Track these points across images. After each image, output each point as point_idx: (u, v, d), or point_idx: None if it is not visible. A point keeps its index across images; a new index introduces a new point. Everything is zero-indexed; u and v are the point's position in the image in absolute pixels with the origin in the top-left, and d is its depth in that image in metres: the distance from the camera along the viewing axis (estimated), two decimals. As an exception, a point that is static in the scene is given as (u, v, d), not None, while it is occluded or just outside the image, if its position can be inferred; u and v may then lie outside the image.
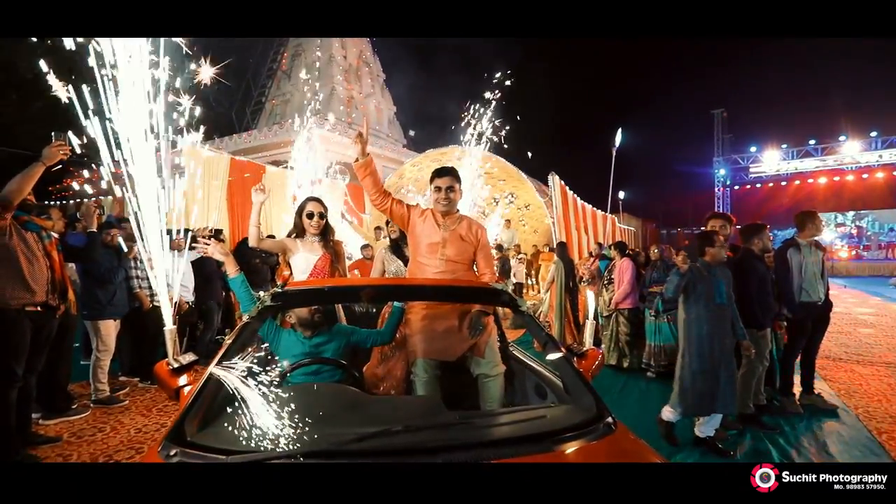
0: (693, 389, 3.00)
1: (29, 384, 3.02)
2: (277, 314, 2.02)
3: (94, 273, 3.96)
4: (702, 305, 3.04)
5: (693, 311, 3.07)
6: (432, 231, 2.29)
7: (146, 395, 4.26)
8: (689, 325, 3.08)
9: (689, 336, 3.08)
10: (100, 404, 3.90)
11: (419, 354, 2.03)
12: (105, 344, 4.01)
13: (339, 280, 2.26)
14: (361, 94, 16.07)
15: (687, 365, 3.05)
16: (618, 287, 5.50)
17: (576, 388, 1.51)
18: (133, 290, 4.35)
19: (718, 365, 2.99)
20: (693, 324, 3.06)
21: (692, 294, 3.08)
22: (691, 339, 3.06)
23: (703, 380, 2.98)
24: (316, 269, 2.63)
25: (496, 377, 2.03)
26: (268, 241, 2.80)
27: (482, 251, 2.32)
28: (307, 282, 2.16)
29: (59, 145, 2.56)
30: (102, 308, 3.97)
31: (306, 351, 1.94)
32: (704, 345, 3.01)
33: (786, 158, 23.36)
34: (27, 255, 2.82)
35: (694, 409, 3.06)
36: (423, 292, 2.04)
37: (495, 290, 1.91)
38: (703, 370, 2.99)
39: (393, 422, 1.23)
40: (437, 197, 2.29)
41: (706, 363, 2.99)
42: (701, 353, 3.00)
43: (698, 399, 3.00)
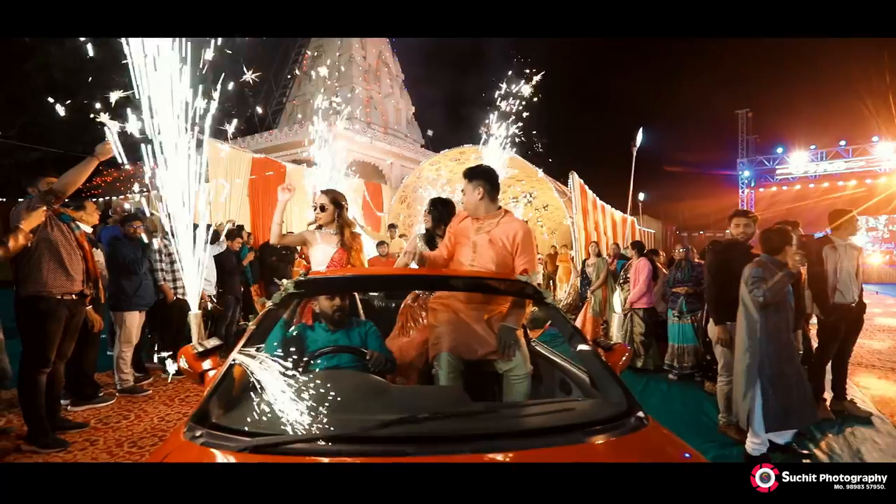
0: (778, 402, 2.63)
1: (58, 370, 3.13)
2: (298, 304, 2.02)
3: (120, 264, 4.06)
4: (782, 309, 2.74)
5: (773, 317, 2.69)
6: (465, 234, 2.23)
7: (168, 386, 4.34)
8: (769, 332, 2.68)
9: (768, 344, 2.67)
10: (125, 393, 4.00)
11: (444, 348, 1.97)
12: (127, 335, 4.10)
13: (362, 269, 2.25)
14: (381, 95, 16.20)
15: (767, 378, 2.65)
16: (633, 286, 5.41)
17: (605, 382, 1.47)
18: (158, 283, 4.44)
19: (797, 372, 2.74)
20: (772, 330, 2.68)
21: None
22: (771, 346, 2.67)
23: (788, 391, 2.66)
24: (333, 262, 2.65)
25: (525, 376, 1.97)
26: (288, 237, 2.83)
27: (522, 256, 2.11)
28: (330, 270, 2.15)
29: (110, 142, 2.74)
30: (128, 299, 4.07)
31: (331, 340, 1.94)
32: (784, 352, 2.71)
33: (814, 160, 22.59)
34: (66, 247, 2.97)
35: (781, 423, 2.68)
36: (445, 282, 2.01)
37: (520, 283, 1.88)
38: (789, 380, 2.67)
39: (417, 410, 1.21)
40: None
41: (789, 371, 2.68)
42: (781, 360, 2.68)
43: (783, 412, 2.64)
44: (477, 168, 2.26)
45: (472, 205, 2.21)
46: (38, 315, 2.85)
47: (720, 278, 3.21)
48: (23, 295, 2.80)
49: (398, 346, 2.31)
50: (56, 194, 2.74)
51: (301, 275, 1.76)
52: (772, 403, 2.63)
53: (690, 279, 5.11)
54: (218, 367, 1.46)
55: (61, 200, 2.82)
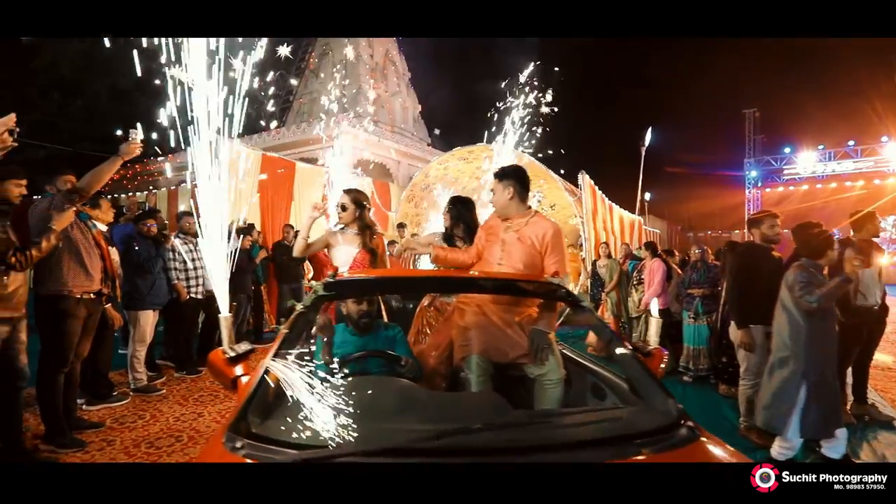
0: (819, 409, 2.55)
1: (75, 369, 3.11)
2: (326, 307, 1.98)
3: (134, 262, 4.04)
4: (829, 315, 2.66)
5: (820, 323, 2.61)
6: (495, 233, 2.20)
7: (182, 385, 4.33)
8: (814, 338, 2.60)
9: (814, 351, 2.59)
10: (138, 392, 3.98)
11: (474, 351, 1.93)
12: (141, 334, 4.09)
13: (392, 270, 2.21)
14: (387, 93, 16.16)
15: (812, 385, 2.56)
16: (648, 287, 5.36)
17: (648, 389, 1.42)
18: (171, 282, 4.42)
19: (836, 379, 2.69)
20: (818, 337, 2.60)
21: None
22: (817, 353, 2.59)
23: (829, 397, 2.59)
24: (355, 263, 2.61)
25: (558, 381, 1.92)
26: (312, 246, 2.80)
27: (552, 255, 2.08)
28: (360, 271, 2.11)
29: (135, 142, 2.71)
30: (143, 298, 4.06)
31: (359, 344, 1.91)
32: (828, 358, 2.64)
33: (822, 160, 22.42)
34: (85, 245, 2.96)
35: (821, 430, 2.62)
36: (478, 284, 1.96)
37: (551, 285, 1.83)
38: (830, 387, 2.61)
39: (463, 418, 1.17)
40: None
41: (831, 378, 2.63)
42: (825, 367, 2.62)
43: (822, 418, 2.57)
44: (508, 168, 2.23)
45: (502, 204, 2.17)
46: (59, 314, 2.83)
47: (743, 281, 3.15)
48: (43, 294, 2.78)
49: (417, 351, 2.28)
50: (80, 193, 2.72)
51: (329, 276, 1.72)
52: (813, 410, 2.57)
53: (706, 280, 5.06)
54: (250, 373, 1.41)
55: (85, 199, 2.80)
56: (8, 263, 2.33)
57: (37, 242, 2.43)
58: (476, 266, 2.27)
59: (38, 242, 2.43)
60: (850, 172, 22.35)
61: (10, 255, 2.32)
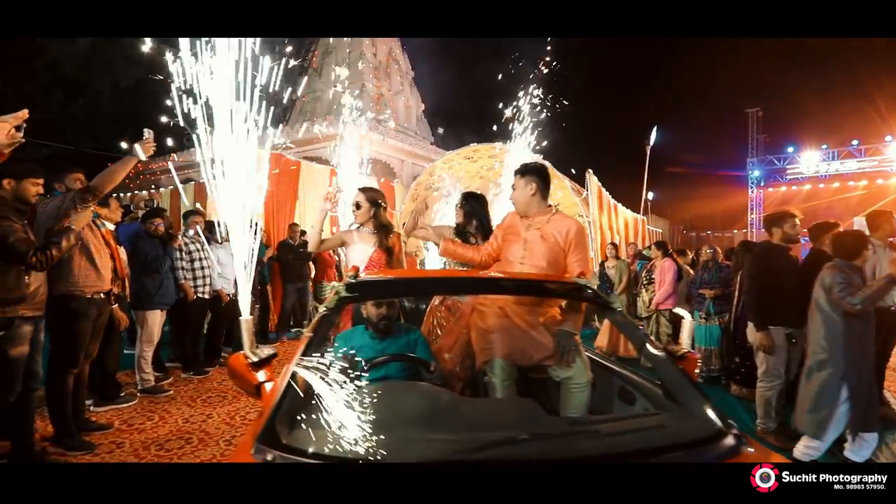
0: (859, 410, 2.54)
1: (83, 371, 3.07)
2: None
3: (142, 262, 3.99)
4: (868, 317, 2.61)
5: (858, 324, 2.57)
6: (515, 231, 2.15)
7: (189, 386, 4.28)
8: (852, 340, 2.56)
9: (852, 352, 2.56)
10: (146, 393, 3.93)
11: (497, 354, 1.88)
12: (149, 335, 4.04)
13: (415, 271, 2.14)
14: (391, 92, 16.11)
15: (852, 387, 2.54)
16: (659, 287, 5.31)
17: (686, 395, 1.38)
18: (178, 281, 4.38)
19: (873, 378, 2.66)
20: (856, 338, 2.56)
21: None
22: (855, 354, 2.56)
23: (867, 397, 2.57)
24: (371, 262, 2.56)
25: (585, 385, 1.86)
26: (326, 242, 2.74)
27: (575, 252, 2.04)
28: (384, 272, 2.04)
29: (149, 141, 2.69)
30: (150, 298, 4.01)
31: (378, 348, 1.86)
32: (866, 359, 2.61)
33: (826, 160, 22.34)
34: (95, 245, 2.92)
35: (859, 425, 2.58)
36: (504, 286, 1.90)
37: (578, 285, 1.78)
38: (868, 387, 2.58)
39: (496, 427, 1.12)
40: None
41: (868, 378, 2.60)
42: (863, 368, 2.58)
43: (862, 418, 2.55)
44: (530, 164, 2.19)
45: (524, 201, 2.13)
46: (70, 315, 2.79)
47: (762, 282, 3.10)
48: (54, 294, 2.73)
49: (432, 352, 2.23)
50: (94, 192, 2.68)
51: (350, 277, 1.66)
52: (853, 411, 2.54)
53: (718, 280, 5.01)
54: (274, 378, 1.35)
55: (99, 198, 2.76)
56: (29, 263, 2.29)
57: (56, 242, 2.38)
58: (496, 266, 2.22)
59: (57, 242, 2.39)
60: (854, 172, 22.29)
61: (31, 256, 2.28)
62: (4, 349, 2.30)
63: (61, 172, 2.95)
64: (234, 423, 3.44)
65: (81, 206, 2.56)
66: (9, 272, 2.29)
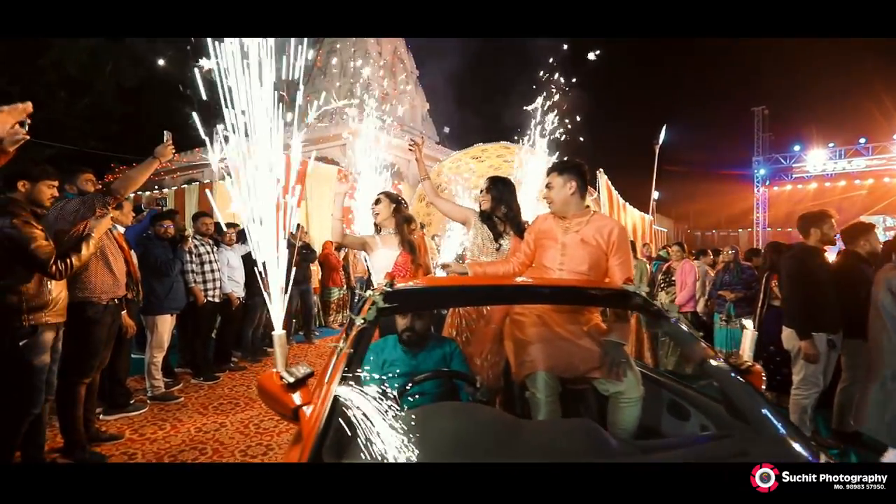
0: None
1: (94, 379, 2.96)
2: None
3: (152, 265, 3.89)
4: None
5: None
6: (551, 235, 2.03)
7: (200, 392, 4.18)
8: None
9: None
10: (156, 401, 3.83)
11: (540, 367, 1.74)
12: (159, 340, 3.94)
13: (457, 279, 2.01)
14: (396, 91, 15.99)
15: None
16: (681, 289, 5.19)
17: (758, 413, 1.26)
18: (188, 285, 4.27)
19: None
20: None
21: None
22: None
23: None
24: (398, 266, 2.46)
25: (637, 399, 1.72)
26: (349, 237, 2.62)
27: (616, 256, 1.93)
28: (425, 280, 1.91)
29: (170, 143, 2.62)
30: (160, 302, 3.90)
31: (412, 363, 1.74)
32: None
33: (833, 158, 22.16)
34: (111, 249, 2.83)
35: None
36: (549, 295, 1.77)
37: (626, 292, 1.66)
38: None
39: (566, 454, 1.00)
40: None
41: None
42: None
43: None
44: (568, 161, 2.06)
45: (562, 200, 2.01)
46: (85, 322, 2.68)
47: (804, 287, 2.95)
48: (70, 301, 2.61)
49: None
50: (115, 195, 2.57)
51: (385, 285, 1.54)
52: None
53: (739, 282, 4.89)
54: (313, 402, 1.22)
55: (118, 202, 2.65)
56: (49, 273, 2.18)
57: (76, 250, 2.27)
58: (531, 272, 2.11)
59: (77, 250, 2.27)
60: (861, 171, 22.11)
61: (52, 265, 2.17)
62: (28, 358, 2.20)
63: (71, 173, 2.84)
64: (248, 431, 3.33)
65: (101, 211, 2.45)
66: (30, 278, 2.19)
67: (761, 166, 24.27)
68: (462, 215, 2.52)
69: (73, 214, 2.48)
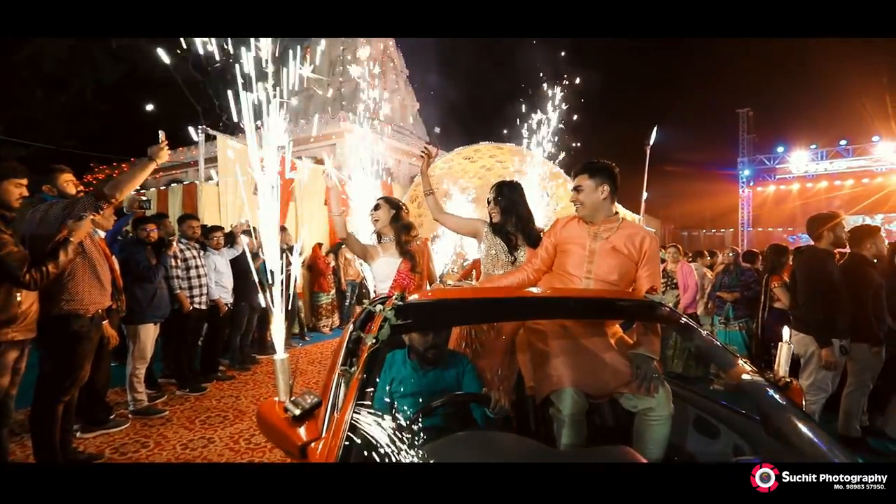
0: None
1: (73, 396, 2.75)
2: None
3: (134, 271, 3.67)
4: None
5: None
6: (577, 240, 1.90)
7: (185, 405, 3.97)
8: None
9: None
10: (139, 415, 3.61)
11: (566, 383, 1.60)
12: (142, 351, 3.72)
13: (476, 290, 1.85)
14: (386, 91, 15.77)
15: None
16: (684, 292, 5.14)
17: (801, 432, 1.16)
18: (173, 291, 4.05)
19: None
20: None
21: None
22: None
23: None
24: (401, 275, 2.31)
25: (668, 417, 1.60)
26: (352, 239, 2.45)
27: (646, 267, 1.83)
28: (438, 293, 1.73)
29: (165, 144, 2.48)
30: (143, 311, 3.68)
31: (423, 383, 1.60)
32: None
33: (815, 159, 22.66)
34: (97, 257, 2.62)
35: None
36: (570, 308, 1.63)
37: (652, 303, 1.55)
38: None
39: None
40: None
41: None
42: None
43: None
44: (599, 163, 1.92)
45: (594, 205, 1.89)
46: (70, 337, 2.47)
47: (825, 293, 2.88)
48: (53, 313, 2.39)
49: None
50: (107, 199, 2.37)
51: (396, 298, 1.40)
52: None
53: (739, 284, 4.85)
54: (324, 437, 1.06)
55: (110, 207, 2.47)
56: (22, 282, 1.98)
57: (53, 257, 2.07)
58: (546, 279, 1.98)
59: (54, 257, 2.08)
60: (842, 171, 22.64)
61: (25, 273, 1.97)
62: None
63: (50, 174, 2.62)
64: (239, 447, 3.15)
65: (84, 215, 2.25)
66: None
67: (746, 167, 24.68)
68: (471, 228, 2.36)
69: (58, 219, 2.28)
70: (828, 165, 22.36)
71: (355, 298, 7.85)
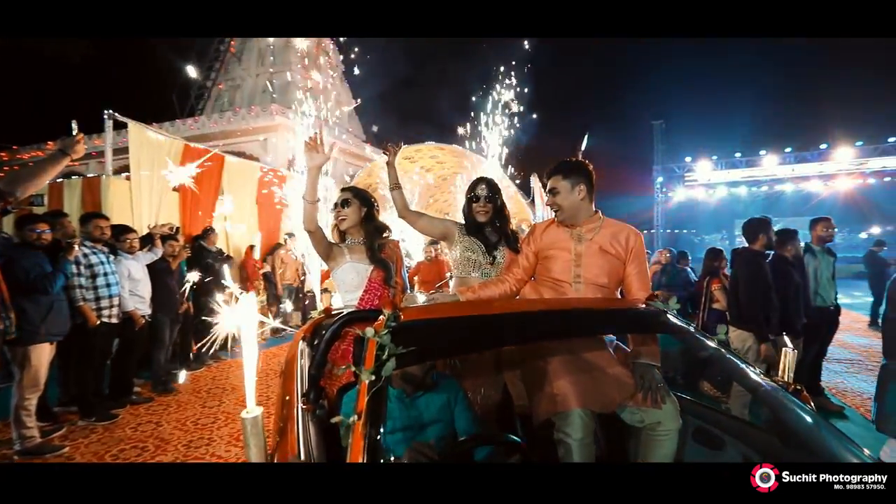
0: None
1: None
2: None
3: (20, 282, 3.01)
4: None
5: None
6: (561, 244, 1.80)
7: (92, 437, 3.35)
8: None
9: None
10: (28, 455, 2.97)
11: (574, 403, 1.47)
12: (33, 378, 3.07)
13: (471, 305, 1.61)
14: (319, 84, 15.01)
15: None
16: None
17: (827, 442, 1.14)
18: (76, 304, 3.41)
19: None
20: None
21: None
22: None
23: None
24: (372, 284, 2.06)
25: (674, 432, 1.53)
26: (320, 235, 2.09)
27: (634, 265, 1.77)
28: (435, 309, 1.46)
29: (80, 137, 2.16)
30: (35, 328, 3.04)
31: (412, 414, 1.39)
32: None
33: (716, 169, 25.60)
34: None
35: None
36: (599, 318, 1.48)
37: (655, 312, 1.48)
38: None
39: None
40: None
41: None
42: None
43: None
44: (571, 163, 1.82)
45: (572, 207, 1.79)
46: None
47: (761, 291, 3.10)
48: None
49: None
50: (5, 198, 1.87)
51: (390, 318, 1.17)
52: None
53: (676, 284, 5.15)
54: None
55: (11, 205, 1.97)
56: None
57: None
58: (530, 287, 1.86)
59: None
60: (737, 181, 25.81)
61: None
62: None
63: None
64: (164, 486, 2.69)
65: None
66: None
67: (659, 174, 27.16)
68: (442, 229, 2.14)
69: None
70: (726, 175, 25.37)
71: (293, 304, 7.32)
